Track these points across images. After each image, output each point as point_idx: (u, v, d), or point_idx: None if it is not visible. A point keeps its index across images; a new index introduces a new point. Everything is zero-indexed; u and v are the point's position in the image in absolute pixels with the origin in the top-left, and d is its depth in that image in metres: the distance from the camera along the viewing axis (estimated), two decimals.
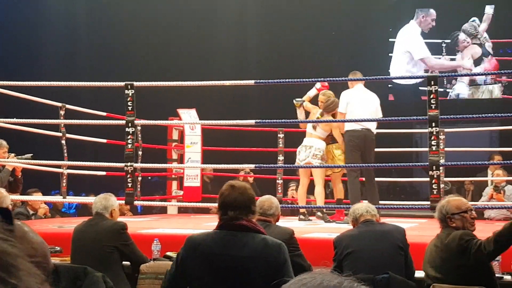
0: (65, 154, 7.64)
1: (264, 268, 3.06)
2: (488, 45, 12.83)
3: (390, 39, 13.36)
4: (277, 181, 8.99)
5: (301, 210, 7.62)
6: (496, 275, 4.31)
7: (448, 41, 12.89)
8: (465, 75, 13.23)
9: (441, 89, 11.96)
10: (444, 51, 12.95)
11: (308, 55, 13.02)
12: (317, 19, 13.14)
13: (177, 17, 13.51)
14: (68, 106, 7.90)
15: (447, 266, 4.05)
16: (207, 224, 6.62)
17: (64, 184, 7.77)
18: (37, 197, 8.07)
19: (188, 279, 3.17)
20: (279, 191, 8.93)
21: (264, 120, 7.03)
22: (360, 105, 7.20)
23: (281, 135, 8.91)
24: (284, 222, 6.61)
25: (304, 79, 6.83)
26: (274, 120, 7.12)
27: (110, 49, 13.56)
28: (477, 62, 12.82)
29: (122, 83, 6.53)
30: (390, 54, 13.37)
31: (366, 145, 7.21)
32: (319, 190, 7.45)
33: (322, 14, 13.16)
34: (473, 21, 12.81)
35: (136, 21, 13.55)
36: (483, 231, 4.30)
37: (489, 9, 12.66)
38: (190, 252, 3.15)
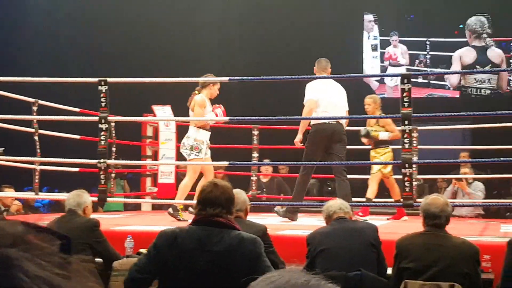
0: (38, 150, 7.58)
1: (240, 262, 3.08)
2: (495, 53, 11.23)
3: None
4: (251, 178, 9.00)
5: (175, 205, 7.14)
6: None
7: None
8: (442, 73, 13.17)
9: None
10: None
11: (286, 52, 13.01)
12: (298, 17, 13.14)
13: (155, 12, 13.42)
14: (41, 102, 7.84)
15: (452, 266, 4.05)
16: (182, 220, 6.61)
17: (36, 181, 7.71)
18: (9, 193, 8.01)
19: (161, 272, 3.17)
20: (253, 188, 8.94)
21: (238, 117, 7.04)
22: (328, 95, 6.91)
23: (255, 132, 8.92)
24: (258, 219, 6.63)
25: (277, 76, 6.84)
26: (249, 117, 7.13)
27: (89, 44, 13.45)
28: (469, 67, 11.43)
29: (96, 79, 6.49)
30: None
31: (333, 139, 6.83)
32: (184, 182, 6.99)
33: (303, 11, 13.17)
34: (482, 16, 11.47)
35: (111, 16, 13.46)
36: (455, 228, 4.34)
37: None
38: (166, 245, 3.15)
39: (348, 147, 8.54)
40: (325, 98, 6.88)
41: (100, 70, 9.12)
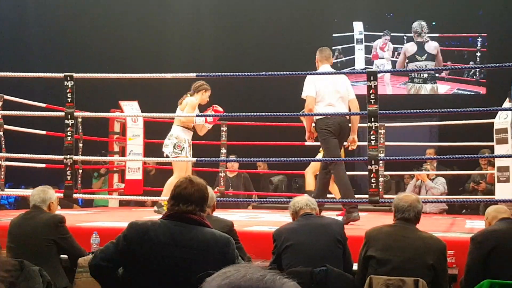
0: (3, 146, 7.49)
1: (211, 261, 3.05)
2: (431, 46, 13.38)
3: (333, 34, 13.50)
4: (220, 174, 8.99)
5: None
6: None
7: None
8: (410, 71, 13.48)
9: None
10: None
11: (257, 49, 13.01)
12: (271, 13, 13.16)
13: (127, 7, 13.32)
14: (6, 97, 7.75)
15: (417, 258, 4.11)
16: (149, 217, 6.58)
17: (2, 177, 7.62)
18: None
19: (129, 263, 3.14)
20: (222, 184, 8.94)
21: (206, 114, 7.03)
22: (329, 87, 6.46)
23: (224, 128, 8.92)
24: (226, 215, 6.63)
25: (245, 73, 6.83)
26: (217, 114, 7.12)
27: (57, 40, 13.31)
28: (410, 59, 13.55)
29: (62, 74, 6.43)
30: (334, 47, 13.51)
31: (342, 132, 6.52)
32: (170, 180, 6.92)
33: (275, 8, 13.19)
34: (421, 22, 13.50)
35: (80, 10, 13.34)
36: (421, 225, 4.38)
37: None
38: (137, 238, 3.11)
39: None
40: (327, 91, 6.45)
41: (68, 65, 9.05)
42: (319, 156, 7.38)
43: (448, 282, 4.34)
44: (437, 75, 13.28)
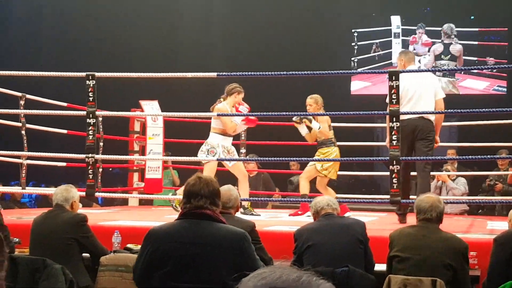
0: (25, 145, 7.54)
1: (227, 256, 3.09)
2: (455, 49, 13.77)
3: (353, 30, 13.51)
4: None
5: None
6: None
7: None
8: (434, 70, 13.45)
9: None
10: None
11: (274, 47, 13.03)
12: (283, 11, 13.17)
13: (142, 8, 13.40)
14: (28, 96, 7.80)
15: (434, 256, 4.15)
16: (168, 216, 6.60)
17: (23, 175, 7.68)
18: None
19: (152, 270, 3.17)
20: None
21: (226, 113, 7.03)
22: (412, 88, 6.30)
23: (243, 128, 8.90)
24: (246, 215, 6.64)
25: (266, 72, 6.83)
26: (236, 113, 7.12)
27: (75, 40, 13.40)
28: (437, 57, 13.92)
29: (83, 74, 6.47)
30: (353, 44, 13.52)
31: (417, 137, 6.29)
32: None
33: (287, 5, 13.20)
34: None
35: (100, 11, 13.42)
36: (441, 225, 4.36)
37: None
38: (157, 245, 3.16)
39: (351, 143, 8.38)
40: (409, 92, 6.30)
41: (88, 65, 9.08)
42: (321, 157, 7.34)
43: (470, 283, 4.33)
44: (475, 71, 13.55)
